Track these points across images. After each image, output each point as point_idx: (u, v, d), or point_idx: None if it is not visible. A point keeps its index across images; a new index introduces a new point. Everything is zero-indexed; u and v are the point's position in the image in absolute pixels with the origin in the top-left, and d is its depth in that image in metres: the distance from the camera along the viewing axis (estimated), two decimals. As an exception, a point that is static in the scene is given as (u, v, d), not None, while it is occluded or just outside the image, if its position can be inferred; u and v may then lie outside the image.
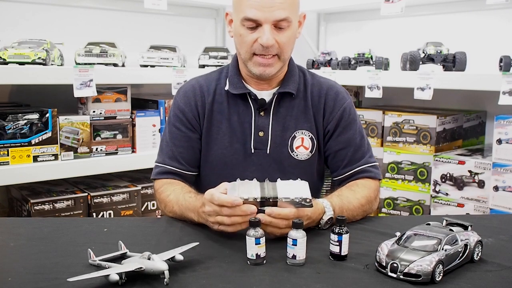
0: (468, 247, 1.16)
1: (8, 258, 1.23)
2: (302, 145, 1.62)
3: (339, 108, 1.63)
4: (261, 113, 1.61)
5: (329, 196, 1.48)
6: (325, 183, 1.79)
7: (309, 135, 1.62)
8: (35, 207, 2.34)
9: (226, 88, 1.62)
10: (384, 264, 1.10)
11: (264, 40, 1.46)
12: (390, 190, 2.78)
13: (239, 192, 1.26)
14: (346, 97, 1.66)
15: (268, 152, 1.61)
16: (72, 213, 2.43)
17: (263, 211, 1.26)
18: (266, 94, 1.61)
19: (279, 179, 1.34)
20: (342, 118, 1.62)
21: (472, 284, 1.07)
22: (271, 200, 1.26)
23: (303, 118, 1.62)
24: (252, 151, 1.61)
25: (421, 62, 2.50)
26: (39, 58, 2.26)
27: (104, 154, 2.54)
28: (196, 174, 1.67)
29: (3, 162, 2.24)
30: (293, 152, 1.61)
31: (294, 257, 1.16)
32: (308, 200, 1.26)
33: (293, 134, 1.61)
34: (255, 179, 1.34)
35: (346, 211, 1.44)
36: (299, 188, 1.31)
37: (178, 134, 1.63)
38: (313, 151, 1.63)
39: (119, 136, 2.59)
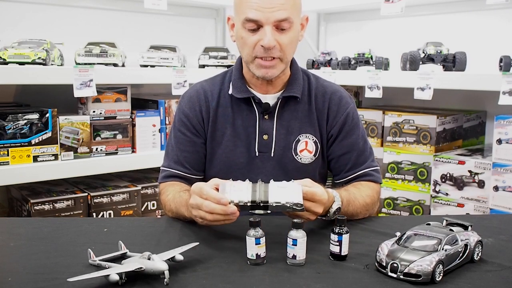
0: (468, 247, 1.16)
1: (8, 258, 1.23)
2: (306, 148, 1.62)
3: (342, 113, 1.63)
4: (265, 117, 1.60)
5: (337, 190, 1.47)
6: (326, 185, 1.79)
7: (313, 139, 1.62)
8: (35, 207, 2.34)
9: (230, 92, 1.61)
10: (384, 264, 1.10)
11: (265, 41, 1.45)
12: (390, 190, 2.78)
13: (230, 194, 1.24)
14: (350, 102, 1.66)
15: (272, 155, 1.61)
16: (72, 213, 2.43)
17: (254, 214, 1.23)
18: (270, 98, 1.61)
19: (271, 180, 1.30)
20: (346, 123, 1.63)
21: (472, 284, 1.07)
22: (261, 204, 1.23)
23: (307, 122, 1.62)
24: (256, 154, 1.61)
25: (421, 62, 2.50)
26: (39, 58, 2.26)
27: (104, 154, 2.54)
28: (202, 178, 1.67)
29: (3, 162, 2.23)
30: (297, 156, 1.61)
31: (294, 257, 1.16)
32: (299, 205, 1.23)
33: (297, 138, 1.61)
34: (247, 180, 1.30)
35: (352, 205, 1.45)
36: (291, 192, 1.26)
37: (183, 138, 1.63)
38: (317, 155, 1.63)
39: (119, 136, 2.59)
